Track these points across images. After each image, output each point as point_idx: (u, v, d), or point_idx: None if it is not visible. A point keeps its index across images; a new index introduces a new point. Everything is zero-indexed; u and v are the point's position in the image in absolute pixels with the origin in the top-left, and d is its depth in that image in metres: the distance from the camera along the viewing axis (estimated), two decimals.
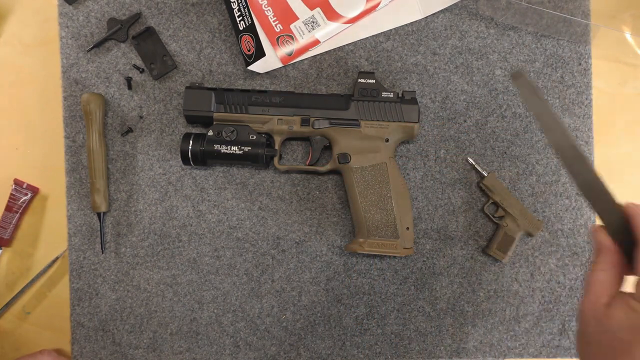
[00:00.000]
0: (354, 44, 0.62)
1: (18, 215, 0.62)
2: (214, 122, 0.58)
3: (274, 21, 0.59)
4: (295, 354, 0.61)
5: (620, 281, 0.39)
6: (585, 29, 0.61)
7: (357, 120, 0.57)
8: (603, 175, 0.40)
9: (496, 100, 0.62)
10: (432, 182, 0.62)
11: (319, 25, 0.59)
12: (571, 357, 0.61)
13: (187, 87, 0.58)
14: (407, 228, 0.57)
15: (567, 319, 0.61)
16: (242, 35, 0.60)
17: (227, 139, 0.57)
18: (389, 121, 0.57)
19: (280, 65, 0.61)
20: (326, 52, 0.62)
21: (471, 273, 0.61)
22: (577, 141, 0.62)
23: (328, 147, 0.59)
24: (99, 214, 0.60)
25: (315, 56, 0.62)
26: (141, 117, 0.62)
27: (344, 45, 0.62)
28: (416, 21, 0.62)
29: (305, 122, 0.58)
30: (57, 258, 0.63)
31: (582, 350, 0.39)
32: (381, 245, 0.56)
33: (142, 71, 0.61)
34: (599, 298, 0.38)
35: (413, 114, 0.57)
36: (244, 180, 0.62)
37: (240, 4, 0.59)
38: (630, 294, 0.37)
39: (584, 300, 0.40)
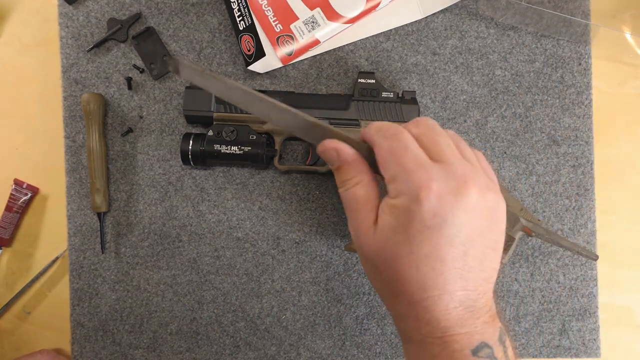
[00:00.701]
0: (354, 44, 0.62)
1: (18, 215, 0.62)
2: (214, 122, 0.58)
3: (274, 21, 0.59)
4: (295, 354, 0.61)
5: (377, 190, 0.35)
6: (585, 29, 0.61)
7: (357, 120, 0.57)
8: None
9: (496, 100, 0.62)
10: None
11: (319, 25, 0.59)
12: (571, 357, 0.62)
13: (187, 87, 0.58)
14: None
15: (567, 319, 0.61)
16: (242, 35, 0.60)
17: (227, 139, 0.57)
18: (389, 121, 0.57)
19: (280, 65, 0.61)
20: (326, 52, 0.62)
21: None
22: (577, 141, 0.62)
23: None
24: (99, 214, 0.60)
25: (315, 56, 0.62)
26: (141, 117, 0.62)
27: (344, 45, 0.62)
28: (416, 21, 0.62)
29: None
30: (57, 258, 0.63)
31: (373, 278, 0.35)
32: None
33: (142, 71, 0.61)
34: (366, 219, 0.34)
35: (413, 114, 0.57)
36: (244, 180, 0.62)
37: (240, 4, 0.59)
38: (385, 197, 0.33)
39: (352, 229, 0.34)
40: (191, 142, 0.57)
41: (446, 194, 0.31)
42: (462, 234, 0.31)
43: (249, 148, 0.57)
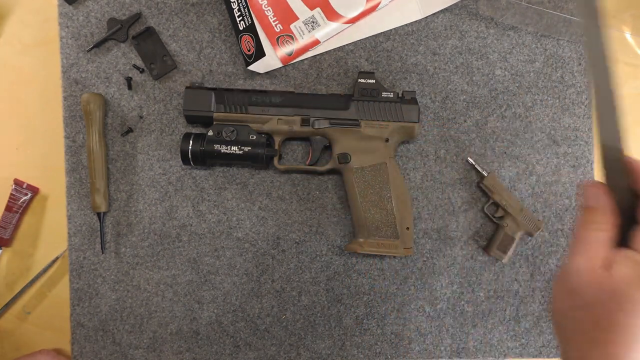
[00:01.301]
0: (354, 44, 0.62)
1: (18, 215, 0.62)
2: (214, 122, 0.58)
3: (274, 21, 0.59)
4: (295, 354, 0.61)
5: (615, 239, 0.35)
6: None
7: (357, 120, 0.57)
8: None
9: (496, 100, 0.62)
10: (432, 182, 0.62)
11: (319, 25, 0.59)
12: None
13: (187, 87, 0.58)
14: (407, 228, 0.57)
15: None
16: (242, 35, 0.60)
17: (227, 139, 0.57)
18: (389, 121, 0.57)
19: (280, 65, 0.61)
20: (326, 52, 0.62)
21: (471, 273, 0.61)
22: (577, 141, 0.62)
23: (328, 147, 0.59)
24: (99, 214, 0.60)
25: (315, 56, 0.62)
26: (141, 117, 0.62)
27: (344, 45, 0.62)
28: (416, 21, 0.62)
29: (305, 122, 0.58)
30: (57, 258, 0.63)
31: (574, 315, 0.36)
32: (381, 245, 0.56)
33: (142, 71, 0.61)
34: (595, 260, 0.34)
35: (413, 114, 0.57)
36: (244, 180, 0.62)
37: (240, 4, 0.59)
38: (631, 249, 0.34)
39: (577, 263, 0.35)
40: (191, 142, 0.57)
41: None
42: None
43: (249, 148, 0.57)
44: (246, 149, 0.57)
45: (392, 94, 0.58)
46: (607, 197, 0.36)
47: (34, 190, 0.63)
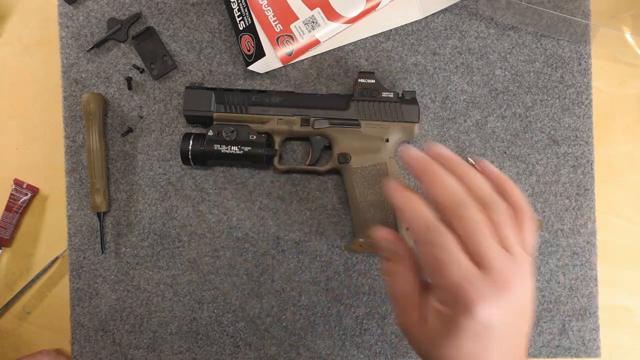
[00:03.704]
0: (354, 44, 0.62)
1: (18, 215, 0.62)
2: (214, 122, 0.58)
3: (274, 21, 0.59)
4: (295, 354, 0.61)
5: (420, 285, 0.38)
6: (585, 29, 0.61)
7: (357, 120, 0.57)
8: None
9: (496, 100, 0.62)
10: None
11: (319, 25, 0.59)
12: (571, 357, 0.62)
13: (187, 87, 0.58)
14: (407, 228, 0.57)
15: (567, 319, 0.61)
16: (242, 35, 0.60)
17: (227, 139, 0.57)
18: (389, 121, 0.57)
19: (280, 65, 0.61)
20: (326, 52, 0.62)
21: None
22: (577, 141, 0.62)
23: (328, 147, 0.59)
24: (99, 214, 0.60)
25: (315, 56, 0.62)
26: (141, 117, 0.62)
27: (344, 45, 0.62)
28: (416, 21, 0.62)
29: (305, 122, 0.58)
30: (57, 258, 0.63)
31: None
32: None
33: (142, 71, 0.61)
34: (412, 314, 0.37)
35: (413, 114, 0.57)
36: (244, 180, 0.62)
37: (240, 4, 0.59)
38: (431, 298, 0.36)
39: (402, 323, 0.38)
40: (191, 142, 0.57)
41: (492, 304, 0.33)
42: (504, 333, 0.34)
43: (249, 148, 0.57)
44: (246, 149, 0.57)
45: (392, 94, 0.58)
46: (403, 245, 0.38)
47: (34, 190, 0.63)
